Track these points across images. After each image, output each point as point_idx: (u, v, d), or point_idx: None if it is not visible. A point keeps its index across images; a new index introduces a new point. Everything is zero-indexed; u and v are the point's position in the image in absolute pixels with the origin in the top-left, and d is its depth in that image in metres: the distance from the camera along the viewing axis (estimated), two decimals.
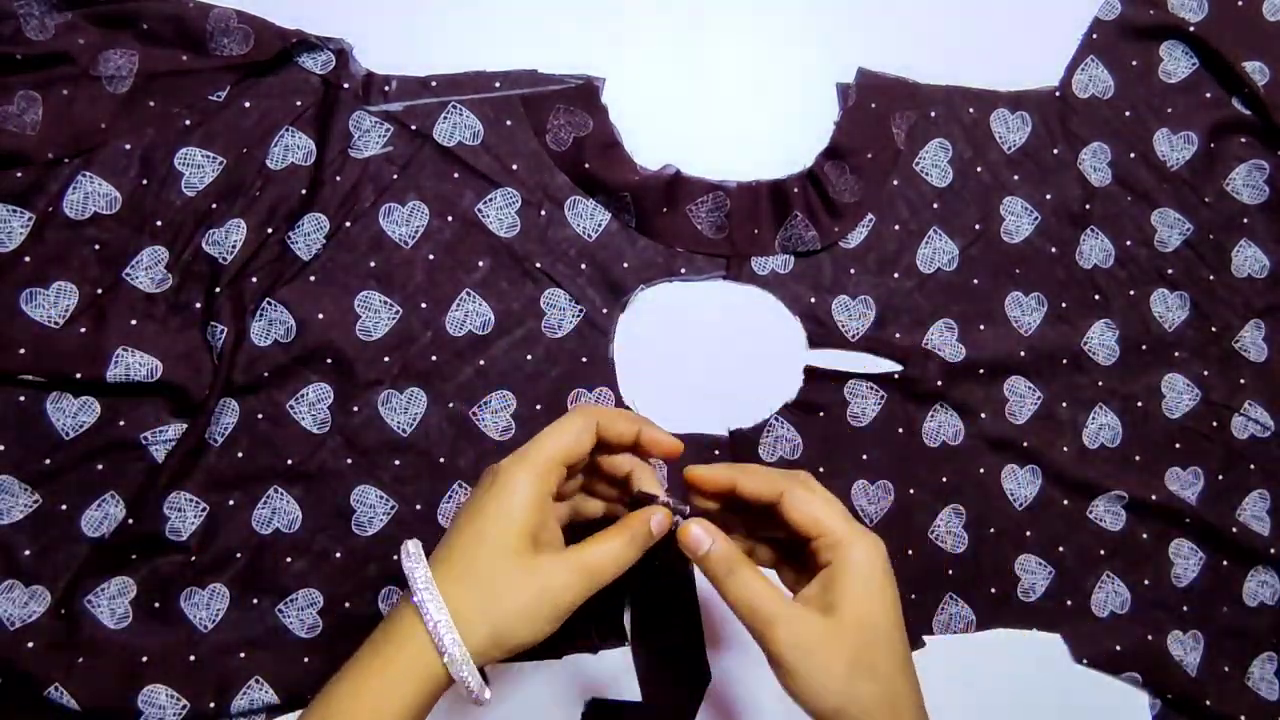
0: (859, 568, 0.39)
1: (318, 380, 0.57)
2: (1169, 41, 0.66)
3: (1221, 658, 0.62)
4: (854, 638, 0.38)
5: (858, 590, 0.39)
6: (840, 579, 0.39)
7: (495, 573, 0.40)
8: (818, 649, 0.38)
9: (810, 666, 0.38)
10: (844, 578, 0.39)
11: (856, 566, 0.39)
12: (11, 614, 0.52)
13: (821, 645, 0.38)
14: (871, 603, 0.39)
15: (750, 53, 0.64)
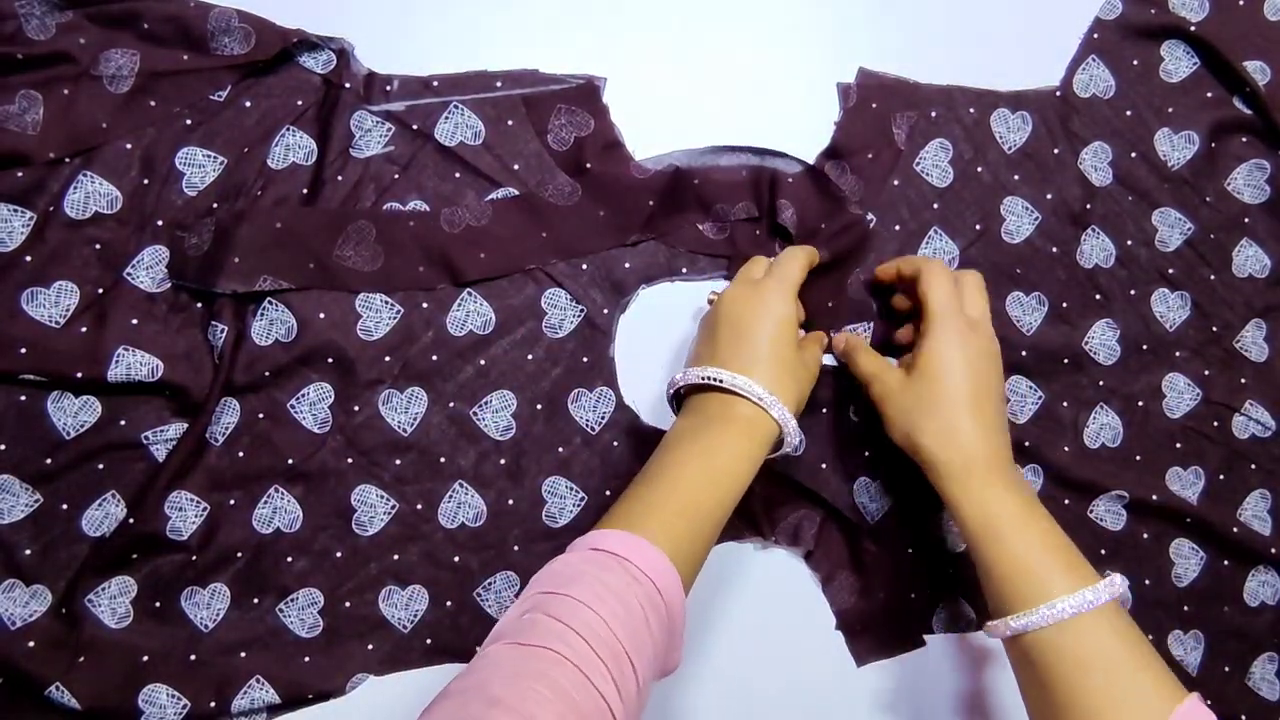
0: (936, 335, 0.52)
1: (318, 380, 0.57)
2: (1170, 41, 0.66)
3: (1222, 657, 0.62)
4: (921, 387, 0.51)
5: (930, 353, 0.52)
6: (922, 345, 0.53)
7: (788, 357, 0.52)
8: (896, 394, 0.53)
9: (889, 408, 0.53)
10: (924, 343, 0.52)
11: (935, 334, 0.52)
12: (12, 613, 0.52)
13: (898, 392, 0.53)
14: (939, 362, 0.51)
15: (751, 53, 0.64)
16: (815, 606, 0.60)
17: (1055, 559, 0.48)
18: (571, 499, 0.59)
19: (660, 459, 0.50)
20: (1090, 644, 0.46)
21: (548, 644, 0.39)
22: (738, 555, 0.60)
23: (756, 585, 0.60)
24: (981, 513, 0.49)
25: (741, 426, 0.50)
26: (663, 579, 0.44)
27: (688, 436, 0.50)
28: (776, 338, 0.52)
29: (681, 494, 0.48)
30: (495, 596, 0.58)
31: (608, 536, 0.45)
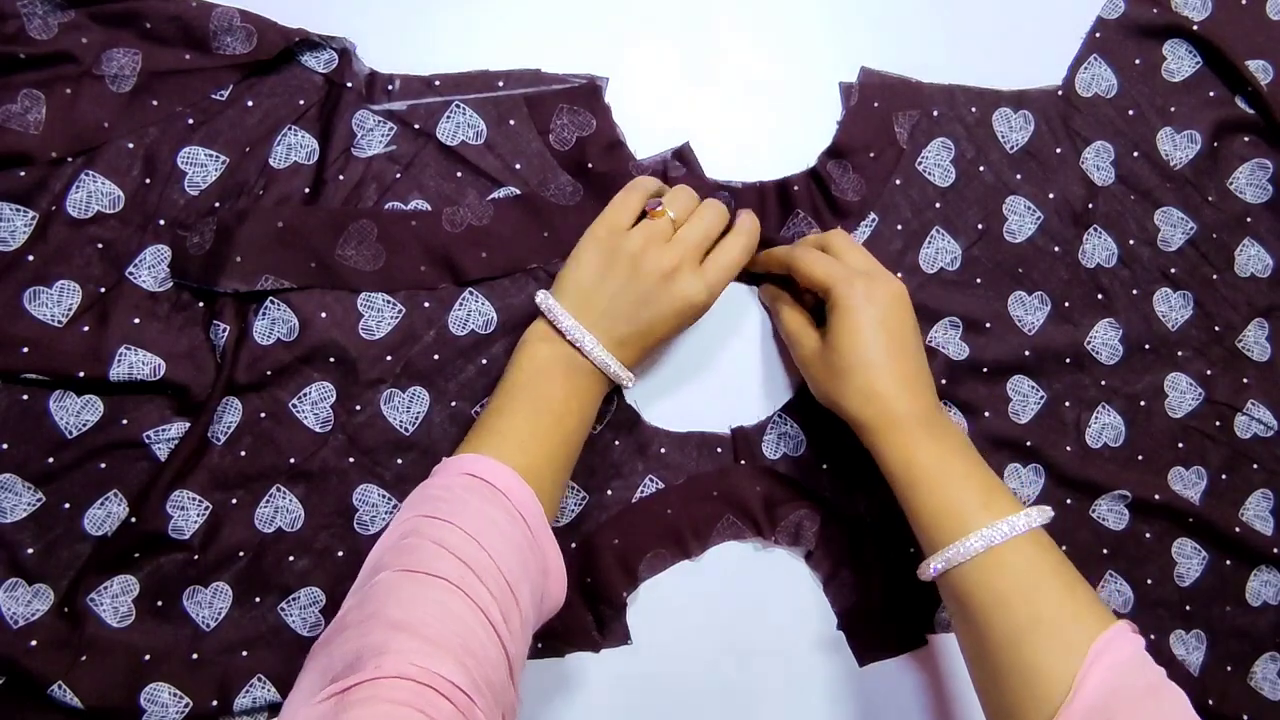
0: (840, 310, 0.52)
1: (320, 379, 0.57)
2: (1172, 40, 0.66)
3: (1224, 657, 0.62)
4: (836, 356, 0.52)
5: (838, 322, 0.52)
6: (831, 317, 0.53)
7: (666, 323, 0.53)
8: (815, 359, 0.54)
9: (810, 370, 0.55)
10: (832, 317, 0.53)
11: (839, 310, 0.52)
12: (15, 612, 0.52)
13: (818, 356, 0.54)
14: (848, 330, 0.52)
15: (753, 52, 0.64)
16: (816, 606, 0.60)
17: (972, 496, 0.48)
18: (573, 498, 0.59)
19: (532, 385, 0.51)
20: (1008, 576, 0.46)
21: (438, 572, 0.40)
22: (738, 555, 0.60)
23: (757, 585, 0.60)
24: (904, 463, 0.50)
25: (597, 383, 0.52)
26: (536, 520, 0.46)
27: (556, 373, 0.51)
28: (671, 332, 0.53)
29: (560, 433, 0.50)
30: None
31: (481, 463, 0.46)
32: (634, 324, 0.52)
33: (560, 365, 0.51)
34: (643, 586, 0.59)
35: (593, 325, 0.51)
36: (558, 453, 0.50)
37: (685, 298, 0.52)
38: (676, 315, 0.52)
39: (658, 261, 0.51)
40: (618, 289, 0.51)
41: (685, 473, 0.60)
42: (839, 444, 0.61)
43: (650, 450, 0.60)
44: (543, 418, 0.50)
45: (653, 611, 0.59)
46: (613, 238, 0.53)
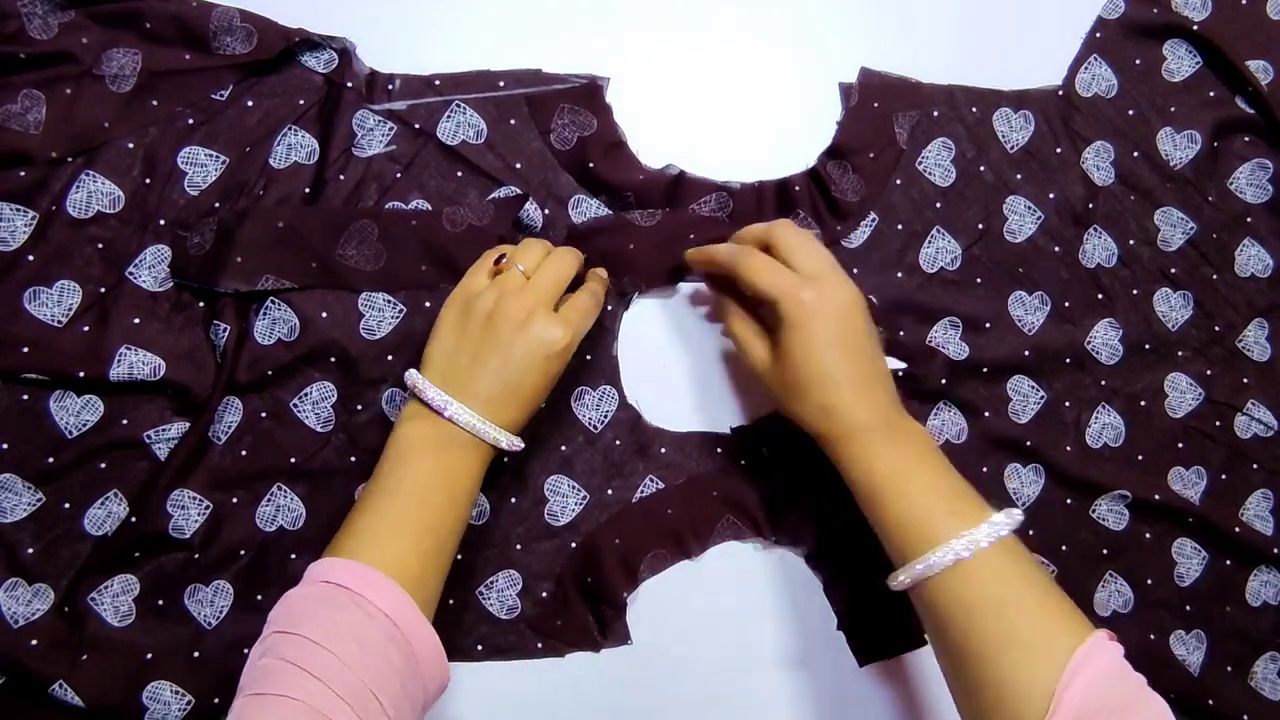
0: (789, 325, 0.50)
1: (321, 379, 0.57)
2: (1172, 40, 0.66)
3: (1224, 658, 0.62)
4: (788, 372, 0.51)
5: (788, 341, 0.51)
6: (780, 331, 0.51)
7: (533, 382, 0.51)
8: (768, 370, 0.53)
9: (764, 380, 0.54)
10: (781, 331, 0.51)
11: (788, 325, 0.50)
12: (15, 612, 0.52)
13: (770, 368, 0.53)
14: (797, 350, 0.50)
15: (753, 52, 0.64)
16: (816, 606, 0.60)
17: (937, 506, 0.47)
18: (574, 498, 0.59)
19: (398, 471, 0.49)
20: (979, 588, 0.45)
21: (284, 691, 0.39)
22: (738, 555, 0.60)
23: (757, 585, 0.60)
24: (865, 473, 0.49)
25: (474, 452, 0.50)
26: (398, 611, 0.44)
27: (425, 452, 0.49)
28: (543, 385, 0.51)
29: (427, 516, 0.48)
30: (497, 595, 0.58)
31: (336, 567, 0.45)
32: (501, 381, 0.49)
33: (429, 443, 0.49)
34: (643, 586, 0.59)
35: (459, 391, 0.49)
36: (423, 540, 0.47)
37: (543, 341, 0.50)
38: (541, 361, 0.50)
39: (509, 312, 0.50)
40: (477, 349, 0.50)
41: (685, 473, 0.60)
42: None
43: (650, 450, 0.60)
44: (406, 507, 0.47)
45: (653, 611, 0.59)
46: (467, 301, 0.51)
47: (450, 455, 0.49)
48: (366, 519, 0.47)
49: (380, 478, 0.49)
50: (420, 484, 0.48)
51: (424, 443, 0.49)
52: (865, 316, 0.52)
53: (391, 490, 0.48)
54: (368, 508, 0.48)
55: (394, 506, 0.48)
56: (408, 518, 0.47)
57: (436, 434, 0.49)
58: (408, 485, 0.48)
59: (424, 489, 0.48)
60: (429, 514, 0.48)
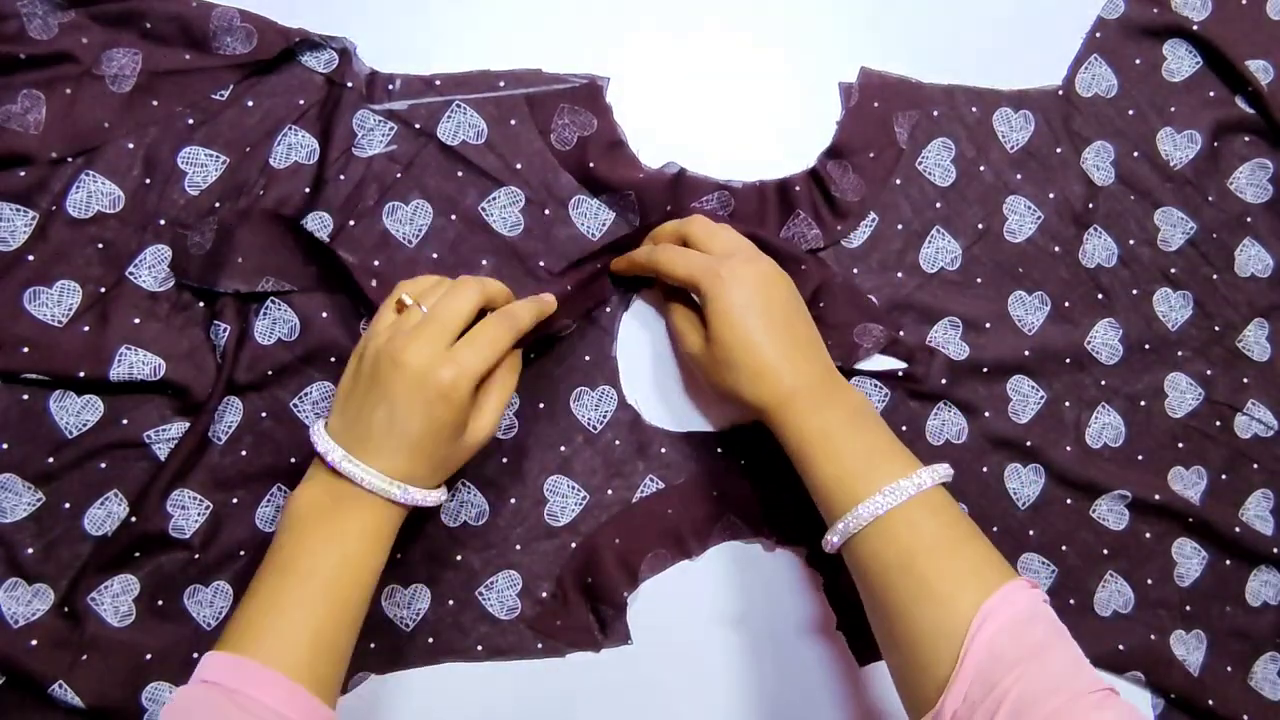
0: (710, 302, 0.51)
1: (321, 379, 0.57)
2: (1172, 40, 0.66)
3: (1224, 657, 0.62)
4: (719, 349, 0.52)
5: (712, 318, 0.51)
6: (705, 312, 0.52)
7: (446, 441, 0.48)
8: (703, 355, 0.54)
9: (702, 366, 0.54)
10: (706, 311, 0.52)
11: (709, 302, 0.51)
12: (15, 612, 0.52)
13: (704, 356, 0.54)
14: (721, 325, 0.51)
15: (754, 52, 0.64)
16: (816, 606, 0.60)
17: (865, 464, 0.47)
18: (573, 498, 0.59)
19: (288, 544, 0.46)
20: (895, 543, 0.45)
21: None
22: (739, 555, 0.60)
23: (757, 585, 0.60)
24: (797, 436, 0.50)
25: (378, 511, 0.46)
26: (286, 702, 0.41)
27: (316, 516, 0.46)
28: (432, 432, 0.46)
29: (313, 591, 0.44)
30: (497, 595, 0.58)
31: (218, 663, 0.42)
32: (388, 426, 0.45)
33: (322, 506, 0.46)
34: (643, 586, 0.59)
35: (353, 442, 0.46)
36: (312, 620, 0.44)
37: (422, 378, 0.45)
38: (423, 403, 0.45)
39: (393, 352, 0.45)
40: (366, 394, 0.46)
41: (685, 473, 0.60)
42: None
43: (650, 450, 0.60)
44: (292, 586, 0.44)
45: (653, 611, 0.59)
46: (363, 345, 0.48)
47: (346, 517, 0.46)
48: (255, 604, 0.44)
49: (271, 552, 0.46)
50: (305, 557, 0.45)
51: (315, 507, 0.46)
52: (787, 287, 0.53)
53: (280, 568, 0.45)
54: (256, 591, 0.45)
55: (282, 587, 0.44)
56: (295, 599, 0.44)
57: (330, 494, 0.46)
58: (296, 561, 0.45)
59: (309, 563, 0.45)
60: (314, 590, 0.44)
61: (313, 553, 0.45)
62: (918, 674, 0.44)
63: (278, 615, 0.44)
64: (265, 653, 0.42)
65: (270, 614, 0.44)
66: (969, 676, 0.41)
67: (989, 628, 0.42)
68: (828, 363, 0.53)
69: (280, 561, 0.45)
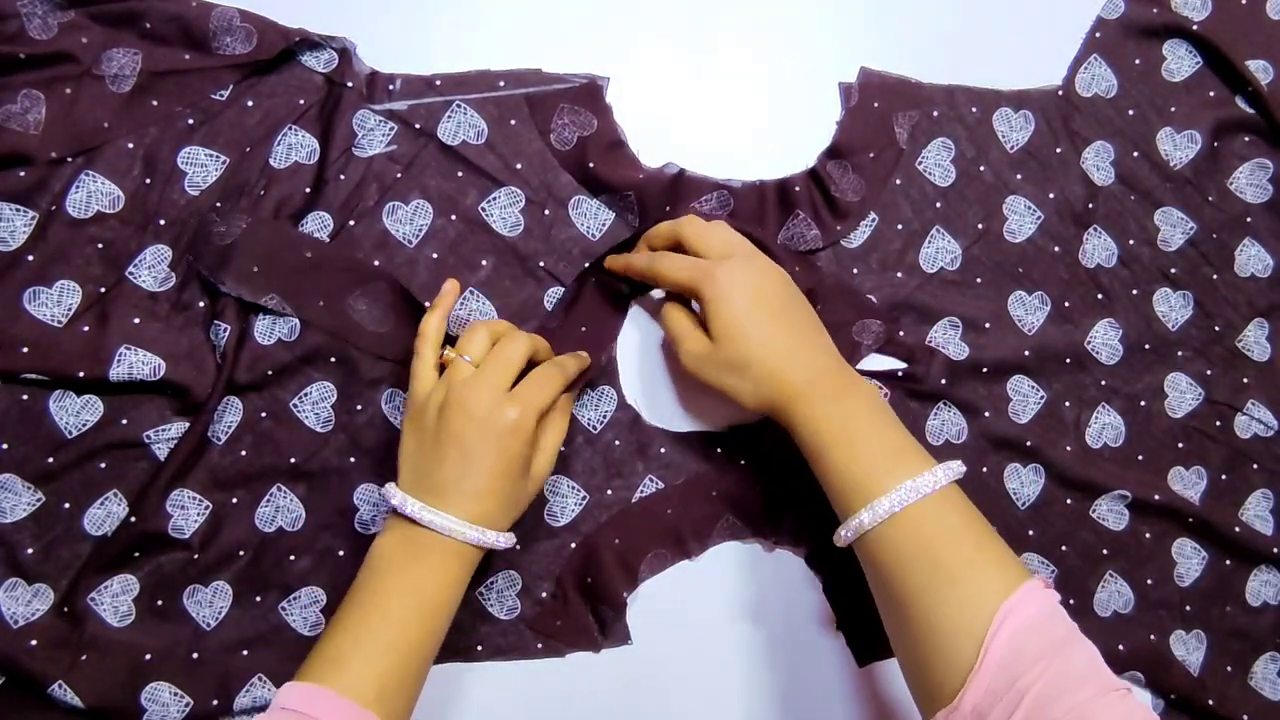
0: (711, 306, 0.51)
1: (321, 379, 0.57)
2: (1172, 40, 0.66)
3: (1224, 658, 0.62)
4: (723, 352, 0.52)
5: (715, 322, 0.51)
6: (706, 316, 0.52)
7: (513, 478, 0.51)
8: (705, 360, 0.53)
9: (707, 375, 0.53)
10: (706, 315, 0.52)
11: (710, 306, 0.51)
12: (15, 612, 0.52)
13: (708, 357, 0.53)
14: (724, 328, 0.51)
15: (753, 52, 0.64)
16: (816, 606, 0.60)
17: (878, 459, 0.48)
18: (573, 498, 0.59)
19: (369, 585, 0.48)
20: (915, 538, 0.46)
21: None
22: (739, 556, 0.60)
23: (757, 585, 0.60)
24: (811, 432, 0.50)
25: (453, 556, 0.49)
26: None
27: (397, 563, 0.49)
28: (503, 469, 0.49)
29: (390, 630, 0.47)
30: (497, 595, 0.58)
31: (295, 692, 0.45)
32: (461, 471, 0.48)
33: (399, 553, 0.49)
34: (643, 586, 0.59)
35: (429, 494, 0.48)
36: (384, 658, 0.46)
37: (491, 419, 0.48)
38: (496, 442, 0.48)
39: (461, 402, 0.48)
40: (435, 446, 0.49)
41: (685, 473, 0.60)
42: None
43: (650, 450, 0.60)
44: (368, 625, 0.47)
45: (653, 611, 0.59)
46: (422, 403, 0.50)
47: (423, 563, 0.48)
48: (335, 639, 0.47)
49: (352, 592, 0.48)
50: (384, 599, 0.47)
51: (394, 554, 0.49)
52: (784, 281, 0.53)
53: (361, 606, 0.48)
54: (337, 627, 0.47)
55: (363, 626, 0.47)
56: (373, 637, 0.46)
57: (408, 542, 0.49)
58: (372, 601, 0.47)
59: (386, 604, 0.47)
60: (392, 630, 0.47)
61: (389, 595, 0.48)
62: (935, 664, 0.44)
63: (356, 650, 0.46)
64: (342, 684, 0.45)
65: (349, 649, 0.46)
66: (991, 670, 0.41)
67: (1011, 623, 0.42)
68: (836, 356, 0.53)
69: (361, 600, 0.48)
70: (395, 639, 0.47)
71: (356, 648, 0.46)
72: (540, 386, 0.51)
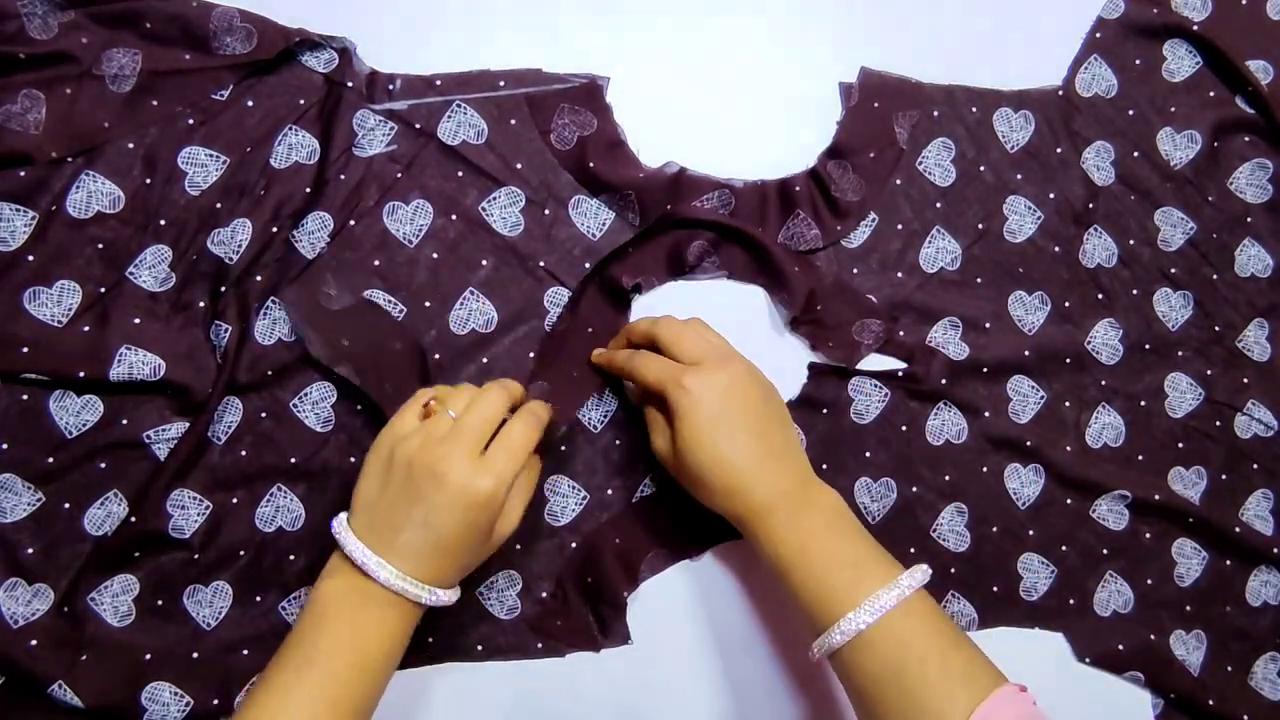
0: (678, 415, 0.50)
1: (321, 379, 0.57)
2: (1172, 40, 0.66)
3: (1224, 658, 0.62)
4: (686, 461, 0.51)
5: (680, 431, 0.51)
6: (673, 423, 0.51)
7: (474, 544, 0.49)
8: (671, 460, 0.52)
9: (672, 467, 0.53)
10: (674, 422, 0.51)
11: (676, 415, 0.51)
12: (15, 612, 0.52)
13: (674, 457, 0.52)
14: (690, 439, 0.50)
15: (753, 52, 0.64)
16: None
17: (842, 576, 0.47)
18: (574, 498, 0.59)
19: (310, 634, 0.46)
20: (881, 656, 0.45)
21: None
22: (739, 556, 0.60)
23: (757, 585, 0.60)
24: (773, 554, 0.49)
25: (397, 611, 0.47)
26: None
27: (341, 612, 0.47)
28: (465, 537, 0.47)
29: (329, 688, 0.45)
30: (497, 595, 0.58)
31: None
32: (424, 536, 0.46)
33: (346, 602, 0.47)
34: (643, 586, 0.59)
35: (383, 546, 0.47)
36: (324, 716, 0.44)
37: (463, 490, 0.46)
38: (462, 511, 0.46)
39: (430, 463, 0.46)
40: (397, 500, 0.47)
41: None
42: (839, 444, 0.61)
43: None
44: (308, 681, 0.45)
45: (653, 611, 0.59)
46: (393, 446, 0.48)
47: (368, 615, 0.47)
48: (269, 693, 0.45)
49: (289, 644, 0.46)
50: (327, 653, 0.45)
51: (341, 602, 0.47)
52: (759, 388, 0.52)
53: (297, 663, 0.45)
54: (272, 680, 0.45)
55: (297, 681, 0.45)
56: (310, 694, 0.44)
57: (356, 591, 0.47)
58: (315, 656, 0.45)
59: (330, 658, 0.45)
60: (332, 686, 0.45)
61: (331, 652, 0.46)
62: None
63: (288, 705, 0.44)
64: None
65: (284, 704, 0.44)
66: None
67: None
68: (803, 466, 0.52)
69: (300, 656, 0.46)
70: (333, 698, 0.45)
71: (291, 704, 0.44)
72: (514, 452, 0.49)
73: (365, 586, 0.47)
